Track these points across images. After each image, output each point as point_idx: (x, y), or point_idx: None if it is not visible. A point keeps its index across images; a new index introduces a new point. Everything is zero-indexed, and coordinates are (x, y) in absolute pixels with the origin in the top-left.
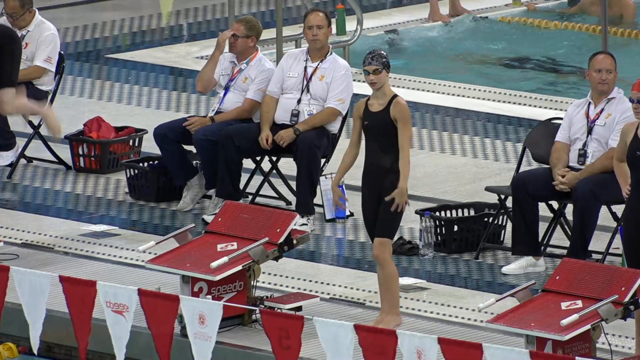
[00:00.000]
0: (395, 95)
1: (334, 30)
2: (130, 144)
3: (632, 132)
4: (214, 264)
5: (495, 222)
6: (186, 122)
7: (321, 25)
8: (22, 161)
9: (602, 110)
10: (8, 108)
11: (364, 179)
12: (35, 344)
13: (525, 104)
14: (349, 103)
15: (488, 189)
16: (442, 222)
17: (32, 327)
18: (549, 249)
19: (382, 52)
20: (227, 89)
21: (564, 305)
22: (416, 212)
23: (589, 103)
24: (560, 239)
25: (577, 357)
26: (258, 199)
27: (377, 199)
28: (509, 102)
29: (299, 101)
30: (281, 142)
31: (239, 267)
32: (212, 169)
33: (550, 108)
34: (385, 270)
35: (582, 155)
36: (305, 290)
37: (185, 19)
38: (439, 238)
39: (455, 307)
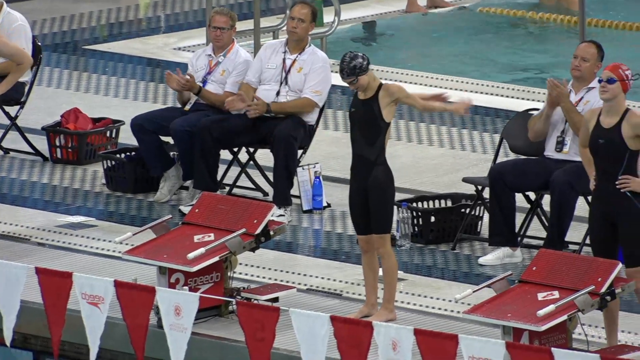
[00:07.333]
0: (382, 84)
1: None
2: (108, 135)
3: (594, 119)
4: (191, 255)
5: (473, 213)
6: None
7: (303, 20)
8: None
9: (581, 98)
10: None
11: (351, 171)
12: (8, 337)
13: (502, 95)
14: (326, 95)
15: (465, 179)
16: (419, 213)
17: (5, 319)
18: (525, 240)
19: (355, 54)
20: (204, 82)
21: (540, 296)
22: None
23: (570, 91)
24: (537, 229)
25: (553, 348)
26: (235, 190)
27: (363, 193)
28: (486, 93)
29: (277, 93)
30: (251, 109)
31: (216, 258)
32: (189, 160)
33: (527, 99)
34: (387, 264)
35: (560, 142)
36: (282, 281)
37: (163, 10)
38: (416, 229)
39: (432, 298)
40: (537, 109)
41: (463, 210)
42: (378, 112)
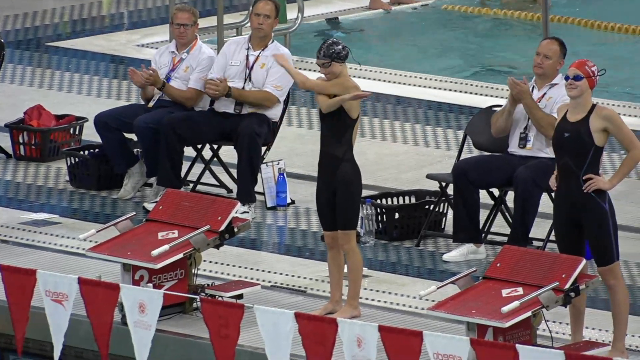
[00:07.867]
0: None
1: None
2: (71, 132)
3: (562, 113)
4: (155, 252)
5: (437, 209)
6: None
7: (269, 16)
8: None
9: (544, 94)
10: None
11: (319, 167)
12: None
13: (465, 92)
14: (287, 91)
15: (429, 176)
16: (383, 210)
17: None
18: (489, 236)
19: (338, 41)
20: (168, 79)
21: (504, 292)
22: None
23: (533, 87)
24: (501, 226)
25: (517, 345)
26: (199, 187)
27: (330, 189)
28: (450, 90)
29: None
30: (212, 86)
31: (180, 255)
32: (153, 157)
33: (491, 96)
34: (352, 260)
35: (523, 138)
36: (246, 278)
37: (126, 7)
38: (380, 225)
39: (396, 294)
40: (500, 106)
41: (427, 206)
42: (342, 109)
